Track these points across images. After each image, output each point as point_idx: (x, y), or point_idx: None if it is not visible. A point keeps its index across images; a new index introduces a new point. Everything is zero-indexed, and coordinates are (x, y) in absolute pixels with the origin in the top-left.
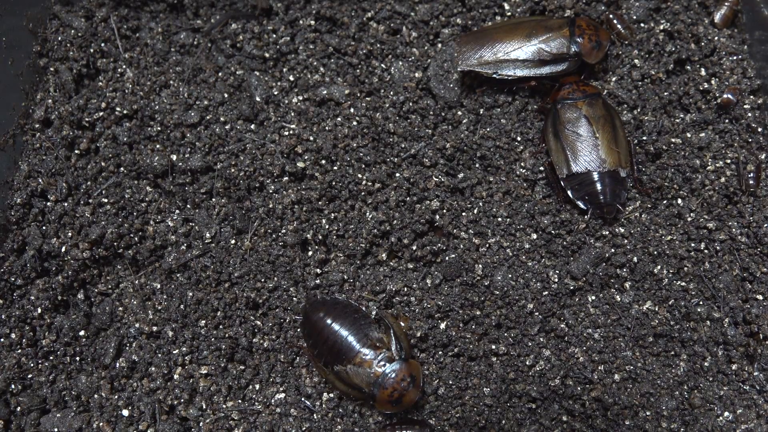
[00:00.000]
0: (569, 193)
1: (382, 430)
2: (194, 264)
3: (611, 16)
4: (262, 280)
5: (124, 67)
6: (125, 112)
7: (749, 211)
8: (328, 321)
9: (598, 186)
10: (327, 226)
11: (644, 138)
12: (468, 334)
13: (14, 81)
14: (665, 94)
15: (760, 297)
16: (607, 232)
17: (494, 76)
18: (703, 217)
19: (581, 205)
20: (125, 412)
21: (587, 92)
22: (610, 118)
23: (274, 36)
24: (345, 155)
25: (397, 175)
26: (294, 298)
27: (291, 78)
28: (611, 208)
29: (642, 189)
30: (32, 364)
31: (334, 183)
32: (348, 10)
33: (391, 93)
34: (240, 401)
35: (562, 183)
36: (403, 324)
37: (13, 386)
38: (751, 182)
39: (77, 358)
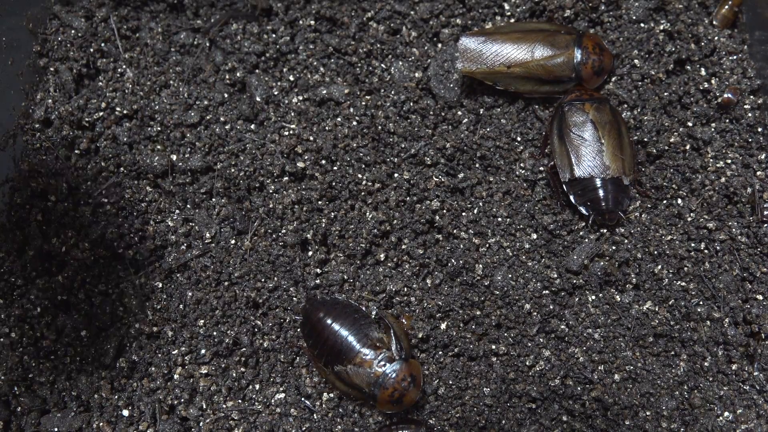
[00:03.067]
0: (571, 198)
1: (381, 430)
2: (194, 264)
3: None
4: (262, 280)
5: (124, 67)
6: (125, 112)
7: (749, 211)
8: (328, 321)
9: (601, 192)
10: (327, 226)
11: (645, 139)
12: (468, 334)
13: (14, 81)
14: (665, 94)
15: (760, 297)
16: (607, 231)
17: (492, 85)
18: (703, 217)
19: (583, 211)
20: (125, 412)
21: (595, 96)
22: (617, 125)
23: (274, 36)
24: (345, 155)
25: (397, 175)
26: (294, 298)
27: (291, 78)
28: (613, 215)
29: (642, 191)
30: (33, 364)
31: (334, 183)
32: (348, 10)
33: (392, 93)
34: (240, 401)
35: (564, 187)
36: (405, 322)
37: (16, 389)
38: (766, 212)
39: (77, 358)
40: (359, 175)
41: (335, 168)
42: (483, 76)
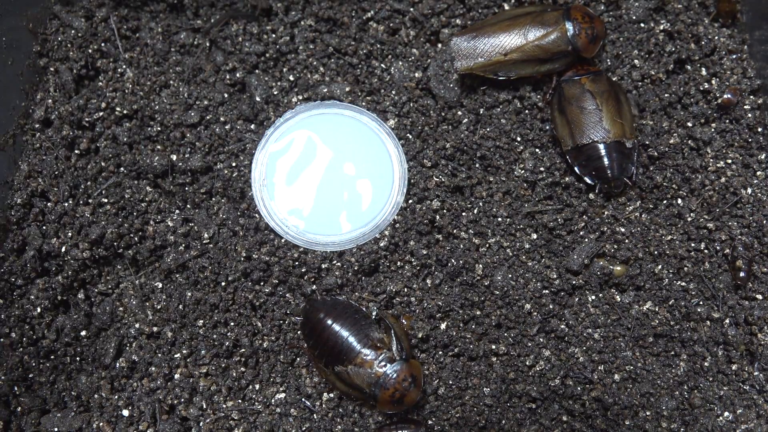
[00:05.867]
0: (576, 169)
1: (380, 429)
2: (192, 264)
3: None
4: (261, 283)
5: (124, 67)
6: (125, 112)
7: (749, 211)
8: (329, 322)
9: (606, 161)
10: None
11: (646, 142)
12: (468, 334)
13: (14, 81)
14: (665, 95)
15: (760, 297)
16: (607, 230)
17: (493, 77)
18: (703, 217)
19: (588, 181)
20: (125, 412)
21: (591, 71)
22: (614, 93)
23: (274, 36)
24: None
25: None
26: (291, 302)
27: (291, 78)
28: (619, 182)
29: (641, 194)
30: (33, 364)
31: None
32: (348, 10)
33: (392, 93)
34: (240, 401)
35: (568, 158)
36: (405, 322)
37: (16, 388)
38: (742, 275)
39: (77, 358)
40: None
41: None
42: (482, 69)
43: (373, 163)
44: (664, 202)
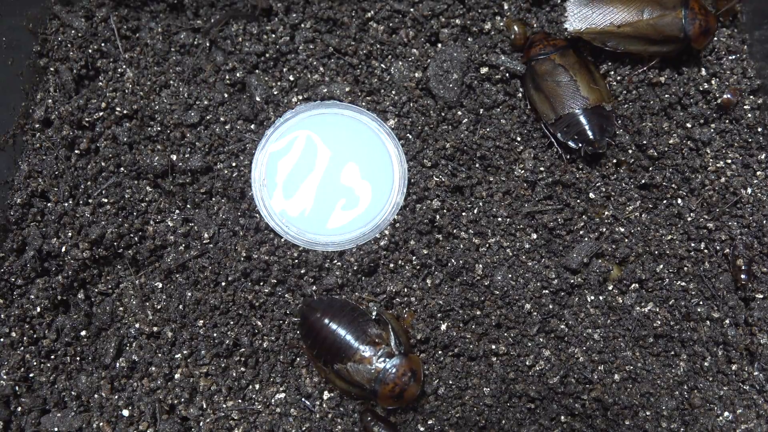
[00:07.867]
0: (559, 136)
1: (363, 412)
2: (192, 264)
3: None
4: (261, 283)
5: (124, 67)
6: (125, 112)
7: (749, 211)
8: (326, 321)
9: (587, 124)
10: None
11: (644, 143)
12: (468, 334)
13: (14, 81)
14: (666, 96)
15: (760, 297)
16: (606, 230)
17: (600, 45)
18: (703, 217)
19: (572, 145)
20: (125, 412)
21: (558, 45)
22: (585, 63)
23: (274, 36)
24: None
25: None
26: (291, 302)
27: (291, 78)
28: (601, 144)
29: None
30: (34, 364)
31: None
32: (348, 10)
33: (392, 93)
34: (240, 401)
35: (551, 129)
36: (407, 317)
37: (16, 388)
38: (743, 276)
39: (77, 358)
40: None
41: None
42: (591, 36)
43: (373, 163)
44: (664, 202)
